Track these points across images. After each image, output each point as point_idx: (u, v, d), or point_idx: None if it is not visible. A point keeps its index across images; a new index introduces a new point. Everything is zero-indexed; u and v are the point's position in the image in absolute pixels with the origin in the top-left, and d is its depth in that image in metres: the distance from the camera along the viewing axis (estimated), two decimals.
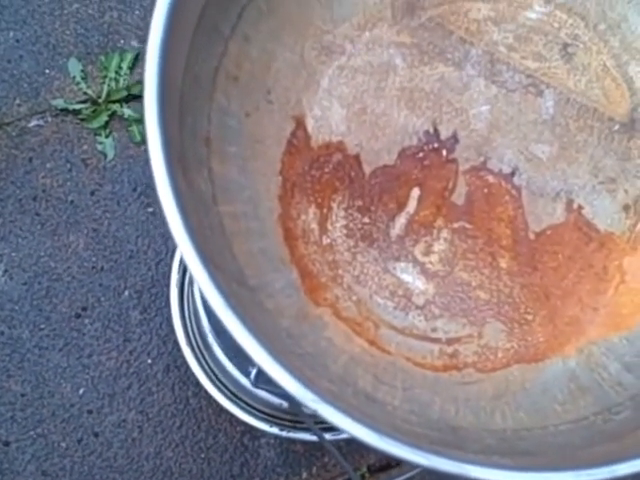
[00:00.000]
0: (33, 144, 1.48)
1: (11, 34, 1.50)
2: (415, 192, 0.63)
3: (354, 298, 0.60)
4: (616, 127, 0.66)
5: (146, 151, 0.48)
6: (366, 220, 0.62)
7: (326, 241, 0.61)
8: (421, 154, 0.64)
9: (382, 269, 0.62)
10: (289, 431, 1.31)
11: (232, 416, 1.45)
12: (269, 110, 0.61)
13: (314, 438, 1.31)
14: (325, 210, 0.61)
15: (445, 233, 0.63)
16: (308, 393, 0.47)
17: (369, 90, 0.64)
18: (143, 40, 1.57)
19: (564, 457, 0.55)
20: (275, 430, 1.31)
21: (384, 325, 0.60)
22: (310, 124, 0.62)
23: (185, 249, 0.47)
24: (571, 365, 0.62)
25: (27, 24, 1.53)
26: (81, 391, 1.45)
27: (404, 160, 0.64)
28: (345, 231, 0.62)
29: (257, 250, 0.58)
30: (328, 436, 1.20)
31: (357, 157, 0.63)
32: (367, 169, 0.63)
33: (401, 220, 0.63)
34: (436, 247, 0.63)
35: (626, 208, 0.65)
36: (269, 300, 0.57)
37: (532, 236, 0.64)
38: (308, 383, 0.48)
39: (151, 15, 0.52)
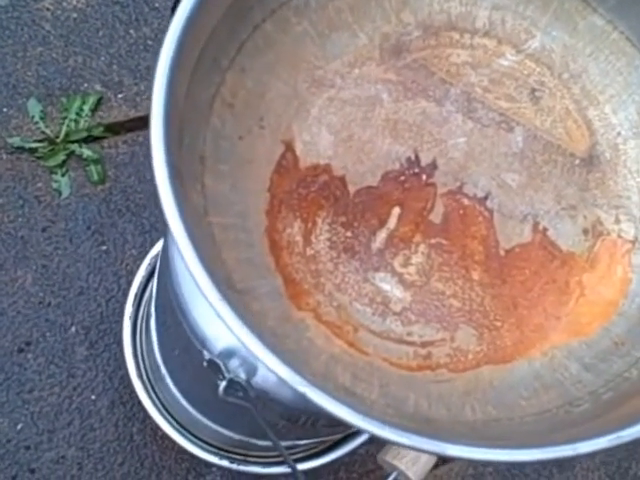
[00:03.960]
0: None
1: None
2: (396, 211, 0.70)
3: (335, 304, 0.66)
4: (577, 162, 0.74)
5: (150, 165, 0.55)
6: (349, 234, 0.69)
7: (310, 252, 0.67)
8: (402, 178, 0.71)
9: (362, 278, 0.68)
10: (239, 464, 1.32)
11: (177, 453, 1.46)
12: (261, 135, 0.68)
13: (264, 471, 1.32)
14: (310, 224, 0.68)
15: (423, 247, 0.70)
16: (297, 377, 0.53)
17: (356, 120, 0.71)
18: (107, 85, 1.62)
19: (530, 440, 0.61)
20: (225, 463, 1.31)
21: (363, 329, 0.66)
22: (299, 148, 0.69)
23: (187, 252, 0.53)
24: (536, 366, 0.68)
25: None
26: (19, 426, 1.44)
27: (387, 182, 0.70)
28: (328, 243, 0.68)
29: (244, 259, 0.64)
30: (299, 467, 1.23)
31: (342, 178, 0.69)
32: (352, 189, 0.69)
33: (382, 235, 0.69)
34: (414, 260, 0.69)
35: (585, 232, 0.72)
36: (255, 303, 0.63)
37: (502, 253, 0.71)
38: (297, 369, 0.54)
39: (159, 48, 0.58)
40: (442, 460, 1.52)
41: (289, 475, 1.37)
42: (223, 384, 0.72)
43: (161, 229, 1.57)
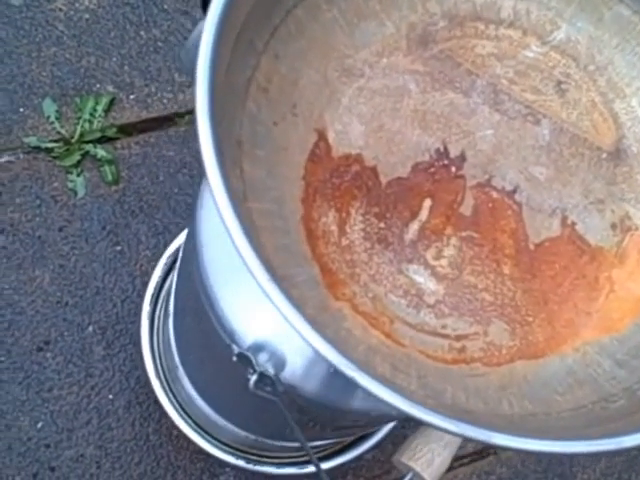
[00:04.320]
0: (3, 179, 1.50)
1: None
2: (427, 202, 0.69)
3: (370, 295, 0.65)
4: (604, 155, 0.73)
5: (198, 148, 0.53)
6: (382, 225, 0.67)
7: (345, 242, 0.66)
8: (432, 169, 0.70)
9: (396, 270, 0.67)
10: (255, 464, 1.32)
11: (191, 453, 1.47)
12: (294, 122, 0.67)
13: (278, 472, 1.33)
14: (344, 214, 0.66)
15: (454, 240, 0.69)
16: (344, 360, 0.52)
17: (386, 110, 0.70)
18: (119, 86, 1.62)
19: (569, 434, 0.60)
20: (241, 463, 1.32)
21: (398, 320, 0.65)
22: (331, 137, 0.68)
23: (234, 229, 0.51)
24: (568, 362, 0.67)
25: (3, 63, 1.56)
26: (39, 425, 1.44)
27: (417, 174, 0.69)
28: (363, 234, 0.67)
29: (281, 246, 0.62)
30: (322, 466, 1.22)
31: (374, 169, 0.68)
32: (383, 180, 0.68)
33: (414, 227, 0.68)
34: (446, 252, 0.68)
35: (613, 226, 0.71)
36: (294, 290, 0.61)
37: (532, 247, 0.70)
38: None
39: (200, 30, 0.56)
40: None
41: (301, 476, 1.37)
42: (254, 378, 0.70)
43: (179, 226, 1.57)
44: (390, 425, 1.43)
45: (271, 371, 0.71)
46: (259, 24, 0.63)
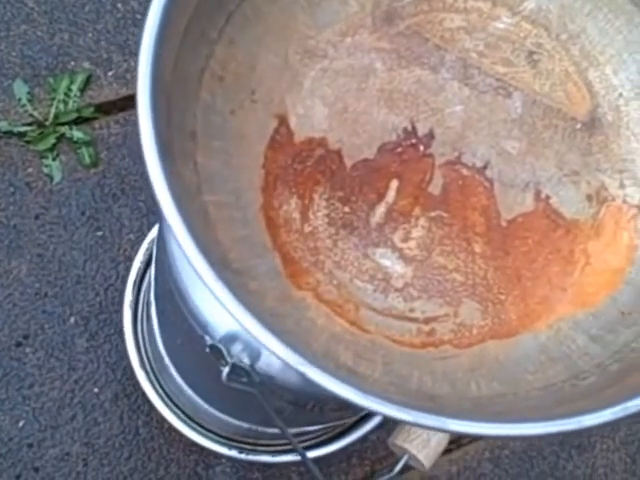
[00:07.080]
0: None
1: None
2: (394, 183, 0.68)
3: (335, 282, 0.65)
4: (578, 126, 0.72)
5: (139, 144, 0.52)
6: (347, 209, 0.67)
7: (308, 229, 0.65)
8: (399, 149, 0.69)
9: (362, 255, 0.66)
10: (248, 454, 1.30)
11: (185, 445, 1.41)
12: (253, 109, 0.66)
13: (274, 460, 1.30)
14: (307, 201, 0.66)
15: (422, 221, 0.68)
16: (296, 357, 0.51)
17: (350, 91, 0.69)
18: (96, 62, 1.55)
19: (534, 414, 0.59)
20: (234, 453, 1.30)
21: (364, 307, 0.65)
22: (293, 122, 0.67)
23: (179, 232, 0.51)
24: (542, 339, 0.67)
25: None
26: (21, 424, 1.39)
27: (383, 154, 0.68)
28: (327, 220, 0.66)
29: (240, 237, 0.62)
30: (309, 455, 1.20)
31: (339, 152, 0.68)
32: (348, 163, 0.68)
33: (381, 209, 0.67)
34: (414, 234, 0.67)
35: (589, 198, 0.70)
36: (253, 282, 0.61)
37: (504, 223, 0.69)
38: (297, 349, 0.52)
39: (143, 21, 0.55)
40: (456, 444, 1.50)
41: (299, 463, 1.35)
42: (226, 370, 0.70)
43: (158, 212, 1.52)
44: None
45: (246, 362, 0.71)
46: (211, 14, 0.63)
